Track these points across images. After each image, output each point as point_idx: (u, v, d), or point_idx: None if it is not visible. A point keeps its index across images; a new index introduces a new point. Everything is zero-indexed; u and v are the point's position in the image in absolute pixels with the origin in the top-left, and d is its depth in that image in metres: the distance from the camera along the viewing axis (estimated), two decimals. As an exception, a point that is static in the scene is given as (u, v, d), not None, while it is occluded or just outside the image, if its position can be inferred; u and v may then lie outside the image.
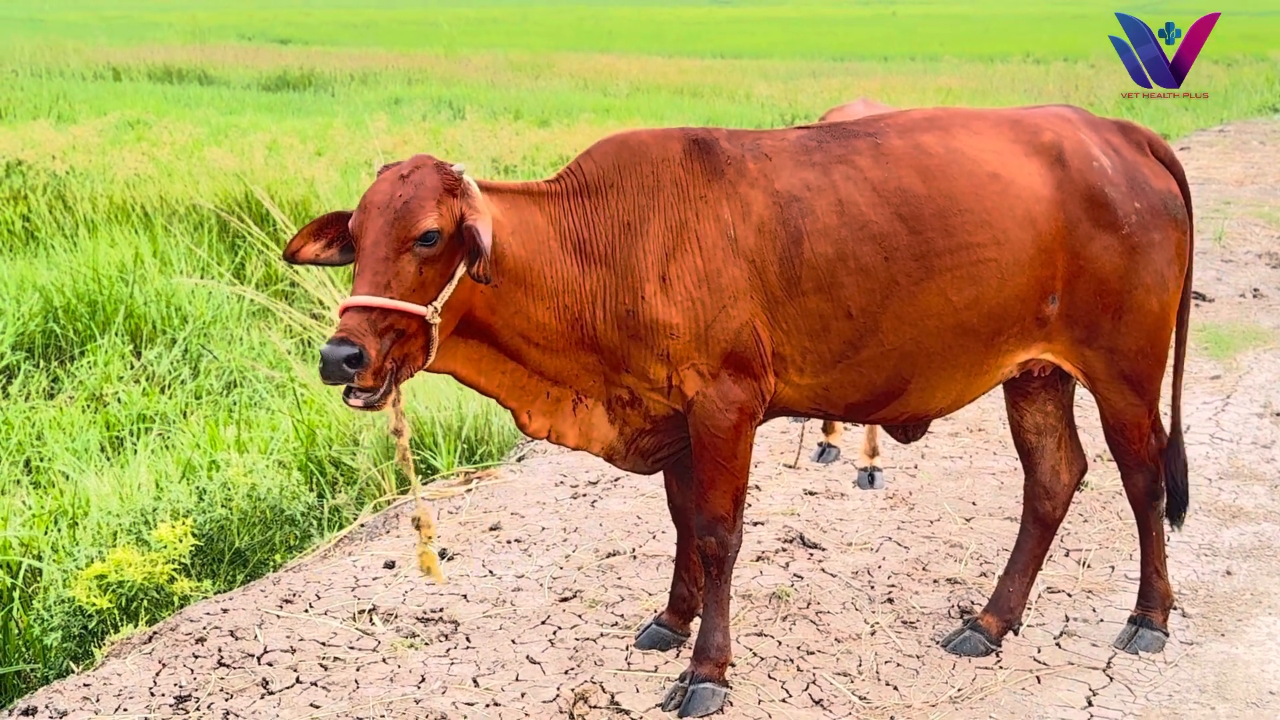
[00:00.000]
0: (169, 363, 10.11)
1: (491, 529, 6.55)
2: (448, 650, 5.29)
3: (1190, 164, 19.07)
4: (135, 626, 5.75)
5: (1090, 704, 4.93)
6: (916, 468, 7.47)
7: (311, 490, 7.49)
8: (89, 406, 9.31)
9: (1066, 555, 6.31)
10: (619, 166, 4.72)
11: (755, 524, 6.59)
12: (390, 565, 6.13)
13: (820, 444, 7.18)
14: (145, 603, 6.09)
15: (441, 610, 5.65)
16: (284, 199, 13.79)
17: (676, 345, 4.60)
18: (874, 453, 7.10)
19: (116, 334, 10.61)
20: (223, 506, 7.02)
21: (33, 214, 13.96)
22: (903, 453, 7.61)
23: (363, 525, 6.74)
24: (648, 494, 6.93)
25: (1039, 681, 5.10)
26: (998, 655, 5.29)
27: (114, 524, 6.83)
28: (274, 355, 10.01)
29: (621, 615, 5.59)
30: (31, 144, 16.91)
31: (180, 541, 6.31)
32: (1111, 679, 5.11)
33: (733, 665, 5.04)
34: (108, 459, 8.34)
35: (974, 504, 6.92)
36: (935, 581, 5.96)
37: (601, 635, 5.41)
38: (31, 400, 9.32)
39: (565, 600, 5.74)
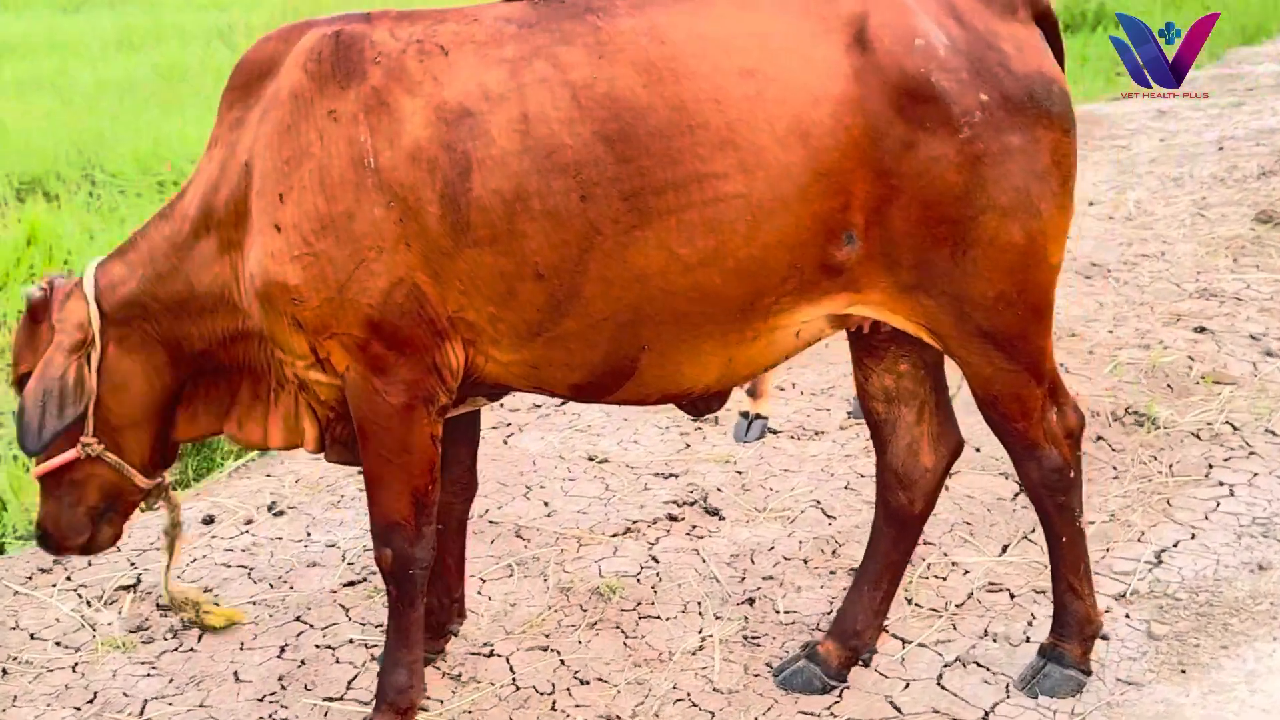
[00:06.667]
0: None
1: (331, 486, 5.47)
2: (159, 654, 4.30)
3: None
4: None
5: (912, 789, 3.51)
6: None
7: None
8: None
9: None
10: (246, 90, 3.54)
11: (668, 476, 5.27)
12: (209, 520, 5.17)
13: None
14: None
15: (206, 593, 4.65)
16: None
17: (305, 311, 3.40)
18: (756, 393, 5.59)
19: None
20: None
21: None
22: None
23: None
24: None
25: (864, 746, 3.69)
26: (839, 695, 3.90)
27: None
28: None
29: (394, 612, 4.44)
30: None
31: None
32: (971, 747, 3.66)
33: (424, 709, 3.85)
34: None
35: (966, 453, 5.35)
36: (833, 573, 4.55)
37: (347, 643, 4.30)
38: None
39: (351, 585, 4.65)
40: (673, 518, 4.94)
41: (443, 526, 4.07)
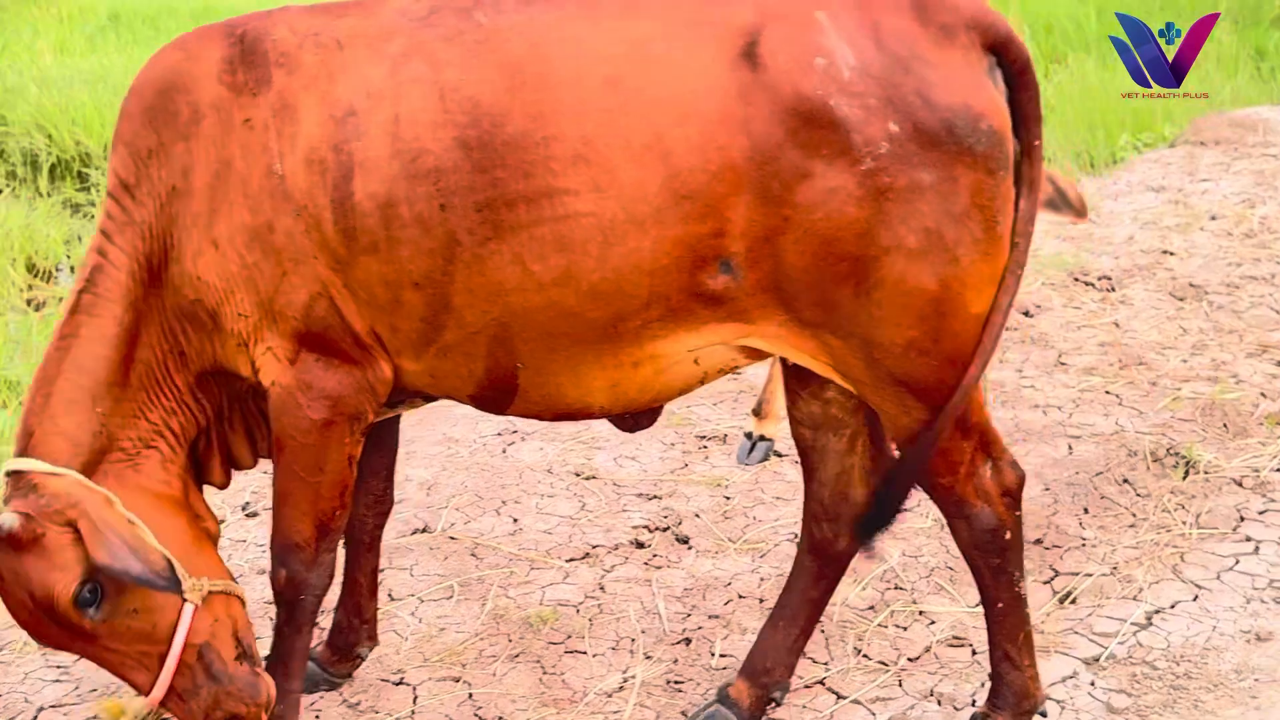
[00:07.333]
0: None
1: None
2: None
3: None
4: None
5: None
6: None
7: None
8: None
9: (1049, 583, 4.35)
10: (151, 114, 3.28)
11: (651, 498, 5.00)
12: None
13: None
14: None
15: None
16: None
17: (248, 325, 3.25)
18: (762, 414, 5.25)
19: None
20: None
21: None
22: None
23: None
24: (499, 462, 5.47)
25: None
26: (750, 746, 3.62)
27: None
28: None
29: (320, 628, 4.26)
30: None
31: None
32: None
33: (296, 744, 3.65)
34: None
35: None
36: (786, 615, 4.22)
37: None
38: None
39: (290, 596, 4.48)
40: (639, 544, 4.67)
41: (354, 542, 3.91)
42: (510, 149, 3.02)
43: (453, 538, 4.76)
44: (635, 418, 3.62)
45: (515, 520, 4.86)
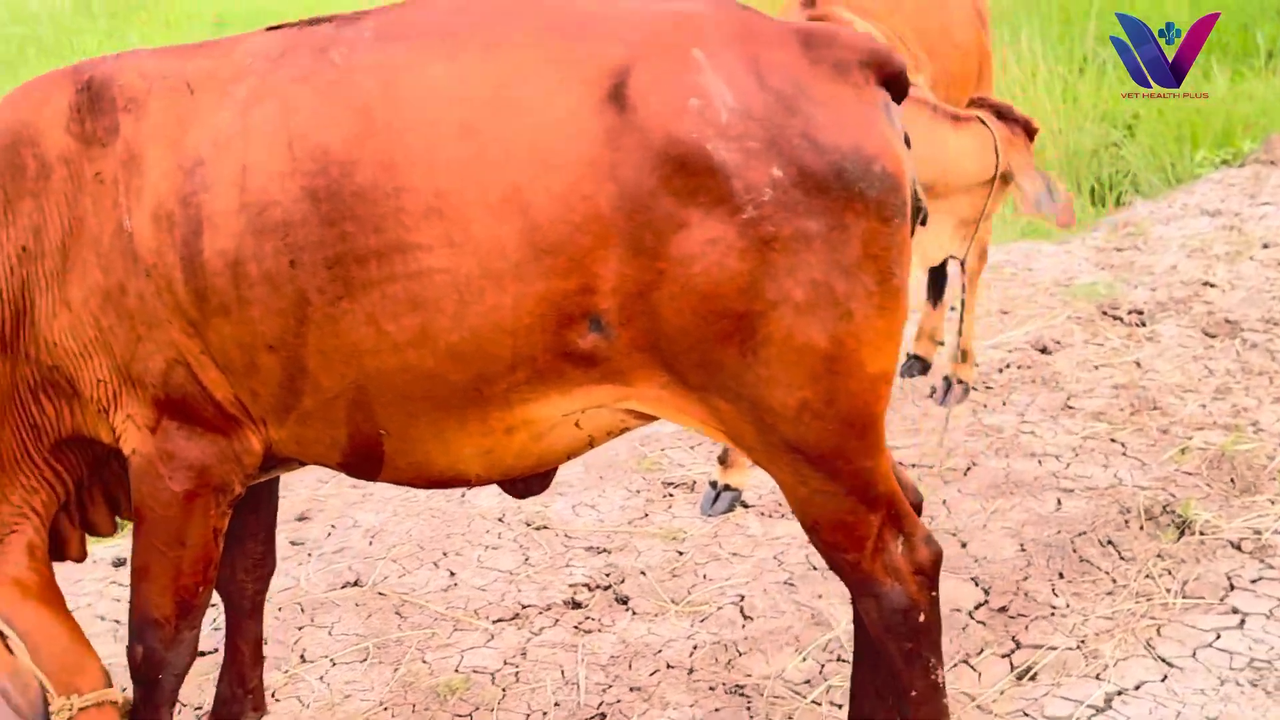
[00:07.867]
0: None
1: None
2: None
3: None
4: None
5: None
6: (954, 472, 5.17)
7: None
8: None
9: (1007, 656, 4.01)
10: None
11: (600, 551, 4.71)
12: (120, 564, 4.88)
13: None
14: None
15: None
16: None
17: (107, 391, 3.06)
18: (728, 462, 4.94)
19: None
20: None
21: None
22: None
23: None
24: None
25: None
26: None
27: None
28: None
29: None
30: None
31: None
32: None
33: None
34: None
35: (948, 547, 4.61)
36: (713, 688, 3.93)
37: (154, 724, 3.91)
38: None
39: (201, 655, 4.25)
40: (575, 603, 4.39)
41: (234, 608, 3.70)
42: (360, 200, 2.79)
43: (382, 593, 4.51)
44: (525, 482, 3.36)
45: (452, 574, 4.61)
